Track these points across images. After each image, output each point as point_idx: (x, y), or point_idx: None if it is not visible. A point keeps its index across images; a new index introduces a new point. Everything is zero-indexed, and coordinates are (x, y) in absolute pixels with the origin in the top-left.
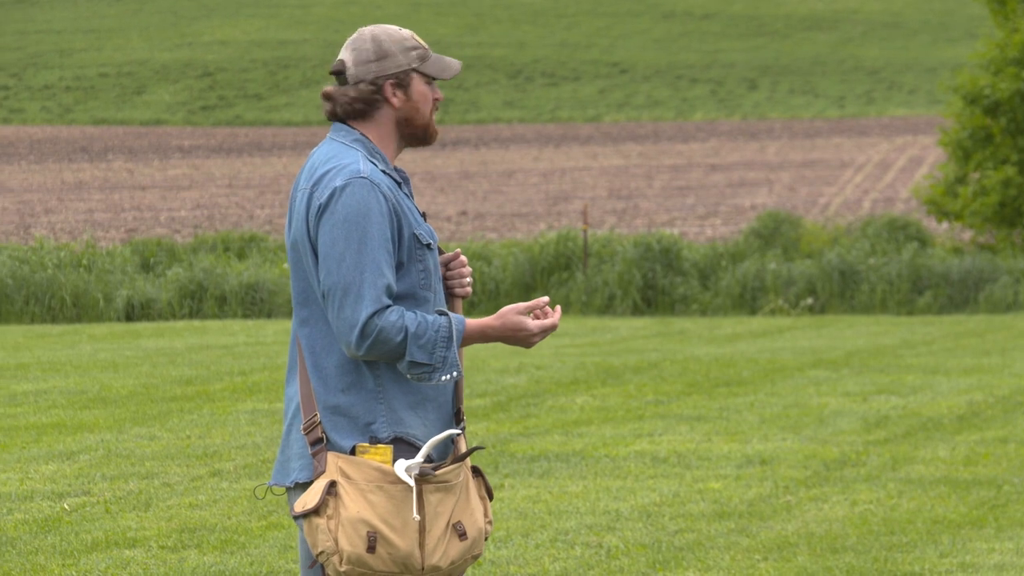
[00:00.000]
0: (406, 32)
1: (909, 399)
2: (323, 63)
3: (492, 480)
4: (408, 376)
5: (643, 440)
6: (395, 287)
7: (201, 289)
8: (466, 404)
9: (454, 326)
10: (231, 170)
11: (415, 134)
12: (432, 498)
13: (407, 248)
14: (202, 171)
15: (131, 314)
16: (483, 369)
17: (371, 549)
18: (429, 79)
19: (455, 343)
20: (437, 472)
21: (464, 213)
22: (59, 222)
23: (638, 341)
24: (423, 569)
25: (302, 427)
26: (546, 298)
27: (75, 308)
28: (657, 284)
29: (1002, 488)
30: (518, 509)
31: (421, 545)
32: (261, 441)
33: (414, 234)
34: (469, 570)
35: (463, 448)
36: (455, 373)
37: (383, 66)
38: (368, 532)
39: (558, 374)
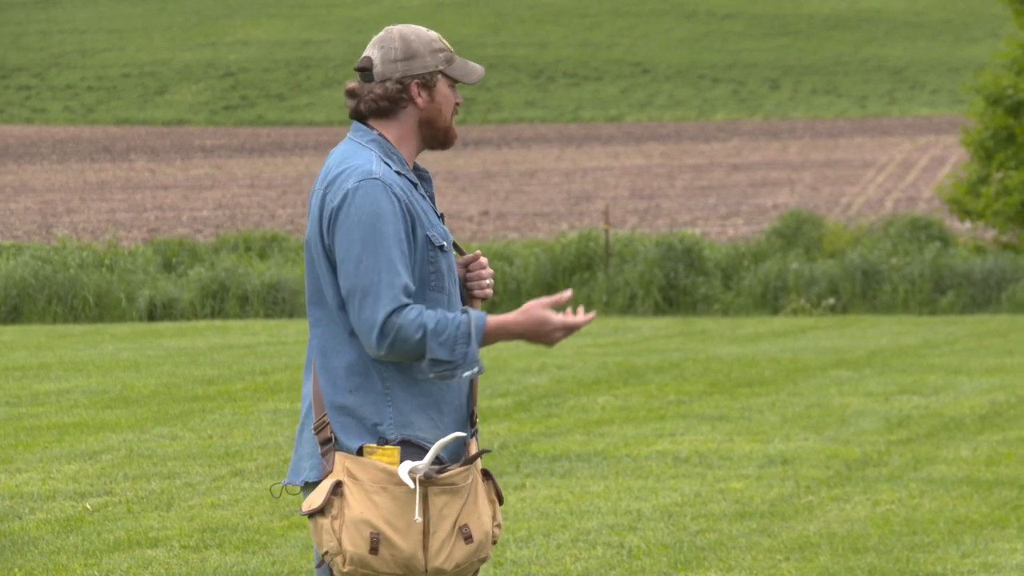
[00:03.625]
0: (433, 34)
1: (931, 399)
2: (345, 63)
3: (514, 480)
4: (431, 375)
5: (665, 440)
6: (412, 286)
7: (223, 289)
8: (488, 404)
9: (474, 322)
10: (253, 170)
11: (435, 136)
12: (437, 500)
13: (420, 249)
14: (224, 171)
15: (153, 314)
16: (505, 369)
17: (374, 550)
18: (452, 82)
19: (475, 339)
20: (442, 475)
21: (486, 213)
22: (81, 222)
23: (660, 341)
24: (427, 571)
25: (313, 427)
26: (569, 292)
27: (97, 308)
28: (679, 284)
29: None
30: (540, 509)
31: (425, 547)
32: (283, 441)
33: (427, 235)
34: (488, 569)
35: (474, 450)
36: (476, 369)
37: (410, 66)
38: (371, 533)
39: (580, 374)
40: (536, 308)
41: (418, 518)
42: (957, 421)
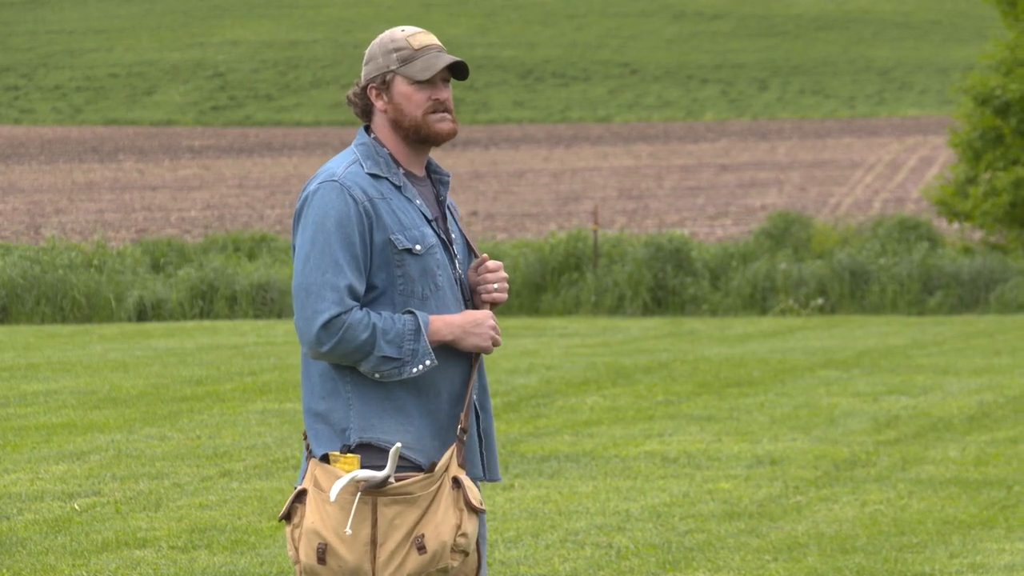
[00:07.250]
0: (408, 31)
1: (919, 399)
2: (333, 64)
3: (503, 480)
4: (376, 375)
5: (653, 440)
6: (359, 289)
7: (212, 289)
8: None
9: (420, 319)
10: (241, 170)
11: (407, 135)
12: (387, 511)
13: (380, 253)
14: (212, 171)
15: (142, 314)
16: (493, 369)
17: (321, 560)
18: (418, 80)
19: (423, 334)
20: (389, 486)
21: (475, 213)
22: (70, 222)
23: (648, 341)
24: None
25: (303, 434)
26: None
27: (86, 308)
28: (667, 284)
29: (1012, 489)
30: (528, 509)
31: (373, 558)
32: (271, 441)
33: (389, 239)
34: None
35: (455, 458)
36: (428, 362)
37: (367, 70)
38: (319, 544)
39: (568, 374)
40: (475, 311)
41: (348, 530)
42: (945, 421)
